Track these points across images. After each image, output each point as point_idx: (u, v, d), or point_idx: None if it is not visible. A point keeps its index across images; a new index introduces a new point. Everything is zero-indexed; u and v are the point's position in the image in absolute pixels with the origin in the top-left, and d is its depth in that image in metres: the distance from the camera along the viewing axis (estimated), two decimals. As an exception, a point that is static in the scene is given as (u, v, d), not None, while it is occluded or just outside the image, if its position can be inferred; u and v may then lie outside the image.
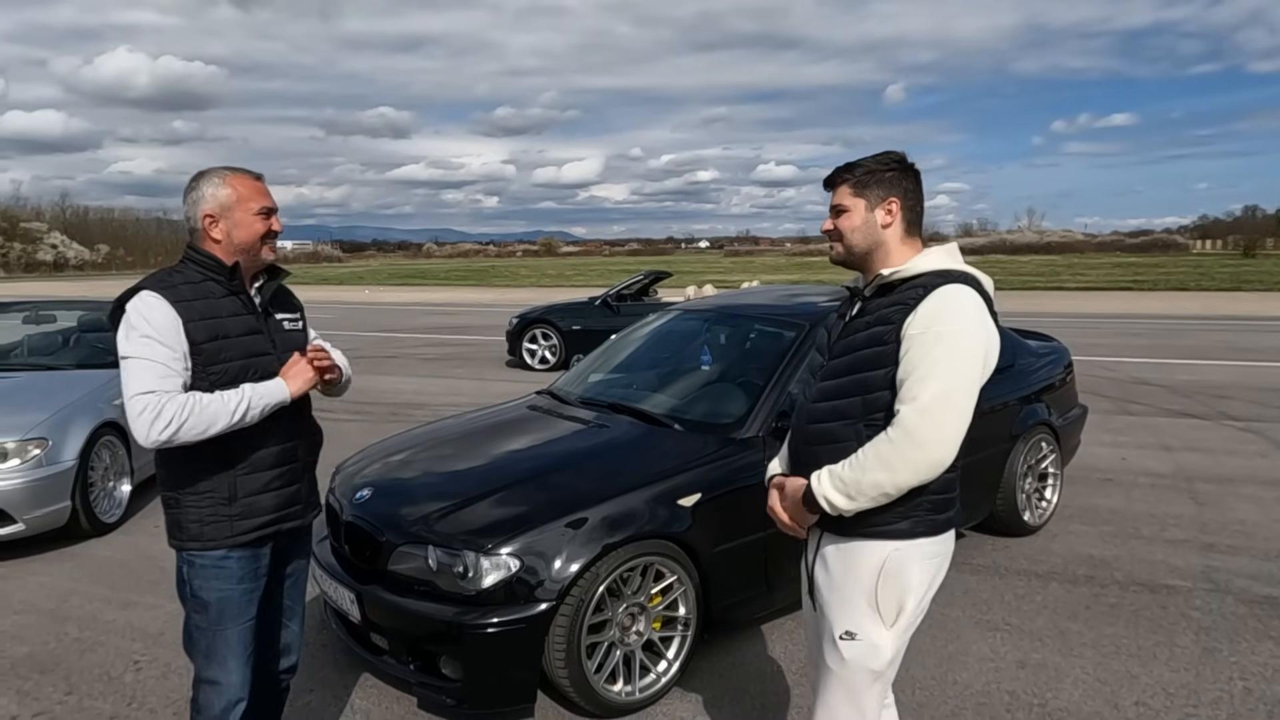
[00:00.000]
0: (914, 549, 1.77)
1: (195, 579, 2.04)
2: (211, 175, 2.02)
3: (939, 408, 1.63)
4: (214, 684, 2.06)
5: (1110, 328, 15.62)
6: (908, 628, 1.82)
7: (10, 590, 3.97)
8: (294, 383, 2.04)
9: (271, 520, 2.07)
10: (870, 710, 1.84)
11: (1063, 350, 5.15)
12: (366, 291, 33.69)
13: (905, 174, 1.83)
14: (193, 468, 1.98)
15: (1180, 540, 4.42)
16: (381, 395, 9.23)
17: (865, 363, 1.76)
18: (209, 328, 1.95)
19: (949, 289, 1.71)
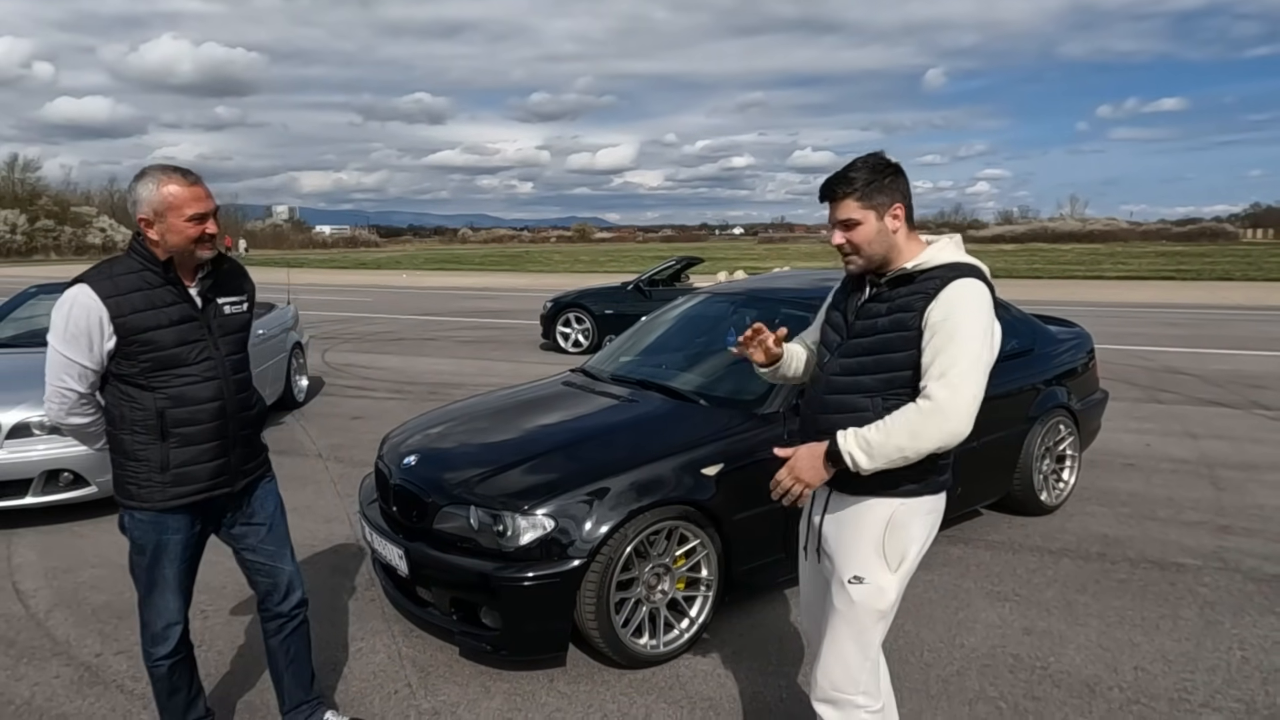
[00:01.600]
0: (918, 505, 2.02)
1: (135, 529, 2.30)
2: (148, 178, 2.17)
3: (964, 385, 1.84)
4: (154, 608, 2.35)
5: (1148, 317, 15.45)
6: (908, 573, 2.05)
7: (87, 547, 4.31)
8: None
9: (203, 488, 2.29)
10: (872, 647, 2.06)
11: (1085, 336, 5.25)
12: (404, 276, 34.24)
13: (899, 176, 1.99)
14: (131, 439, 2.23)
15: (1195, 522, 4.53)
16: (421, 375, 9.54)
17: (888, 344, 1.96)
18: (142, 318, 2.16)
19: (965, 282, 1.91)
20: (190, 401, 2.23)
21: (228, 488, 2.36)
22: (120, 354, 2.17)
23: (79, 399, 2.22)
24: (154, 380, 2.20)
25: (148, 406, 2.21)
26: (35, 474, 4.46)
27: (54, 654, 3.23)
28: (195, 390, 2.24)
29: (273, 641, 2.59)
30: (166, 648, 2.38)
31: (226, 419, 2.30)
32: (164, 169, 2.20)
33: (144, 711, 2.83)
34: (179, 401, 2.22)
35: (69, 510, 4.65)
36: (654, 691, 2.93)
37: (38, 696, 2.93)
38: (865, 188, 1.95)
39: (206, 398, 2.25)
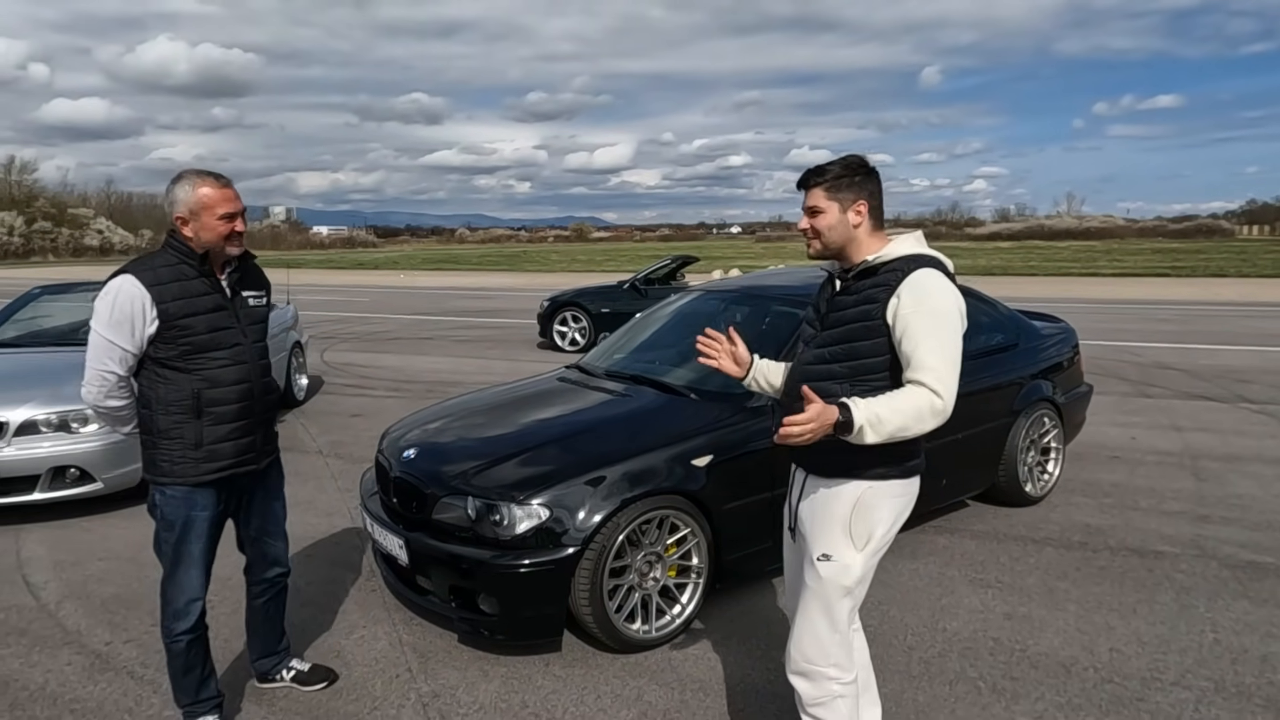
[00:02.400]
0: (884, 488, 2.13)
1: (165, 505, 2.51)
2: (184, 181, 2.41)
3: (948, 370, 1.97)
4: (177, 584, 2.55)
5: (1141, 313, 15.59)
6: (875, 553, 2.17)
7: (94, 541, 4.41)
8: None
9: (231, 464, 2.52)
10: (841, 622, 2.17)
11: (1070, 332, 5.37)
12: (401, 276, 34.32)
13: (869, 177, 2.13)
14: (166, 419, 2.44)
15: (1176, 512, 4.64)
16: (419, 374, 9.64)
17: (855, 334, 2.08)
18: (181, 306, 2.39)
19: (925, 272, 2.03)
20: (222, 383, 2.46)
21: (253, 465, 2.60)
22: (160, 338, 2.39)
23: (118, 382, 2.43)
24: (190, 363, 2.42)
25: (184, 388, 2.42)
26: (42, 470, 4.56)
27: (65, 643, 3.33)
28: (226, 373, 2.47)
29: (255, 603, 2.89)
30: (187, 623, 2.56)
31: (253, 400, 2.54)
32: (199, 173, 2.45)
33: (154, 696, 2.94)
34: (212, 383, 2.45)
35: (76, 506, 4.75)
36: (646, 674, 3.04)
37: (51, 682, 3.03)
38: (834, 181, 2.11)
39: (235, 380, 2.49)
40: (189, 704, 2.65)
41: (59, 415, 4.64)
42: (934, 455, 4.04)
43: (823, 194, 2.12)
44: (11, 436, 4.54)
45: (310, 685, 2.95)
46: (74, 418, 4.67)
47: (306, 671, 2.99)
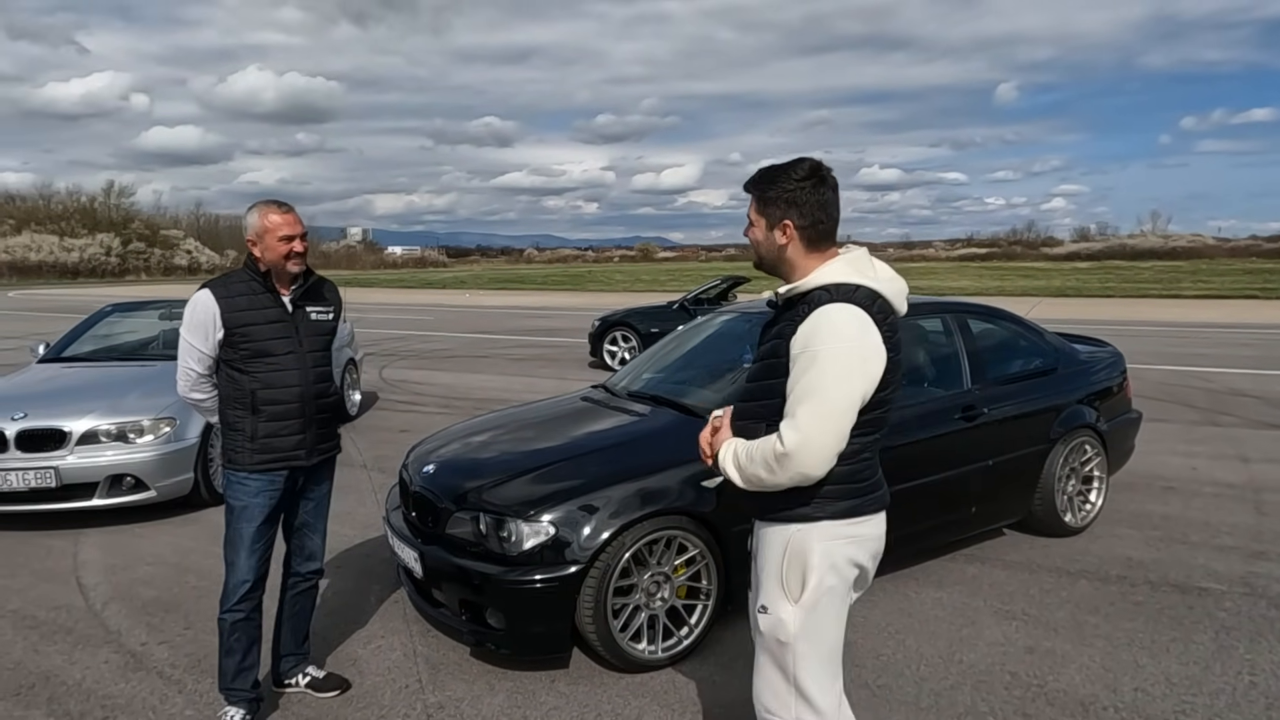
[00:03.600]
0: (814, 530, 1.92)
1: (228, 488, 2.82)
2: (255, 210, 2.77)
3: (810, 425, 1.77)
4: (230, 565, 2.80)
5: (1220, 337, 14.84)
6: (814, 605, 1.93)
7: (144, 546, 4.65)
8: None
9: (282, 457, 2.79)
10: (795, 674, 1.96)
11: (1117, 356, 5.18)
12: (467, 295, 35.10)
13: (809, 190, 1.90)
14: (231, 413, 2.79)
15: (1229, 547, 4.41)
16: (470, 391, 9.85)
17: (768, 371, 1.93)
18: (244, 316, 2.73)
19: (825, 310, 1.82)
20: (276, 385, 2.76)
21: (304, 460, 2.85)
22: (226, 343, 2.73)
23: (198, 378, 2.79)
24: (250, 366, 2.74)
25: (244, 387, 2.75)
26: (101, 478, 4.83)
27: (105, 642, 3.52)
28: (280, 376, 2.76)
29: (285, 596, 3.05)
30: (230, 602, 2.79)
31: (305, 402, 2.81)
32: (266, 202, 2.79)
33: (178, 695, 3.08)
34: (267, 384, 2.75)
35: (131, 512, 5.02)
36: (649, 695, 3.05)
37: (87, 679, 3.21)
38: (763, 194, 1.95)
39: (289, 383, 2.78)
40: (224, 688, 2.85)
41: (118, 426, 4.91)
42: (961, 483, 4.01)
43: (753, 206, 1.97)
44: (74, 445, 4.83)
45: (324, 692, 3.06)
46: (131, 429, 4.94)
47: (322, 679, 3.10)
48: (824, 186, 1.92)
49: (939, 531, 4.11)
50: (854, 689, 3.05)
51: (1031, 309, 21.06)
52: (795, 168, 1.93)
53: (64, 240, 60.36)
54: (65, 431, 4.84)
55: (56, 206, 66.53)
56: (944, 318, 4.43)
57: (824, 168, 1.94)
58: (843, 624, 2.01)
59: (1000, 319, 4.71)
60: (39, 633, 3.61)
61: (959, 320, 4.40)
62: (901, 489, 3.72)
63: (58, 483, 4.76)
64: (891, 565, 4.04)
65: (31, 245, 58.41)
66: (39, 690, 3.13)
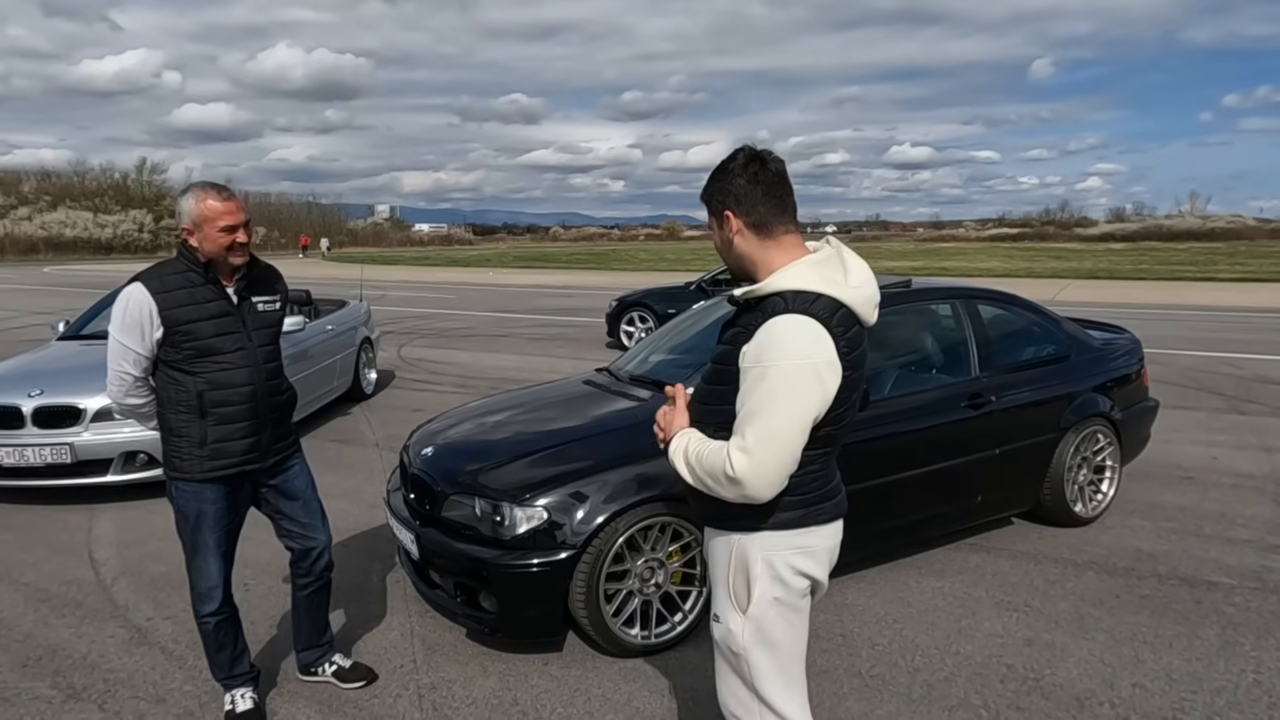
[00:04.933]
0: (757, 540, 1.84)
1: (178, 498, 2.65)
2: (190, 194, 2.52)
3: (759, 449, 1.67)
4: (197, 570, 2.69)
5: (1255, 322, 14.48)
6: (763, 616, 1.85)
7: (156, 522, 4.73)
8: None
9: (237, 462, 2.62)
10: (753, 680, 1.89)
11: (1134, 343, 5.06)
12: (490, 274, 35.18)
13: (740, 177, 1.80)
14: (175, 417, 2.58)
15: (1243, 540, 4.32)
16: (486, 371, 9.89)
17: (718, 377, 1.84)
18: (185, 312, 2.51)
19: (778, 321, 1.69)
20: (225, 385, 2.56)
21: (258, 463, 2.69)
22: (167, 342, 2.52)
23: (134, 382, 2.57)
24: (194, 366, 2.54)
25: (189, 389, 2.54)
26: (115, 454, 4.92)
27: (112, 616, 3.59)
28: (229, 375, 2.57)
29: (299, 596, 2.97)
30: (211, 606, 2.71)
31: (258, 402, 2.63)
32: (204, 186, 2.54)
33: (179, 671, 3.14)
34: (215, 385, 2.55)
35: (144, 488, 5.10)
36: (640, 679, 3.05)
37: (93, 653, 3.28)
38: (704, 194, 1.86)
39: (240, 383, 2.59)
40: (224, 678, 2.82)
41: (131, 404, 4.98)
42: (966, 471, 3.95)
43: (706, 211, 1.87)
44: (89, 422, 4.92)
45: (350, 682, 3.00)
46: (145, 406, 5.01)
47: (348, 669, 3.05)
48: (762, 170, 1.81)
49: (941, 521, 4.06)
50: (846, 678, 3.03)
51: (1060, 291, 20.70)
52: (730, 159, 1.84)
53: (98, 217, 61.34)
54: (80, 408, 4.92)
55: (91, 183, 67.59)
56: (953, 303, 4.35)
57: (761, 153, 1.82)
58: (800, 631, 1.92)
59: (1012, 305, 4.61)
60: (49, 606, 3.70)
61: (969, 306, 4.32)
62: (902, 478, 3.73)
63: (73, 458, 4.86)
64: (894, 554, 4.01)
65: (66, 221, 59.42)
66: (45, 663, 3.21)
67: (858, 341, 1.78)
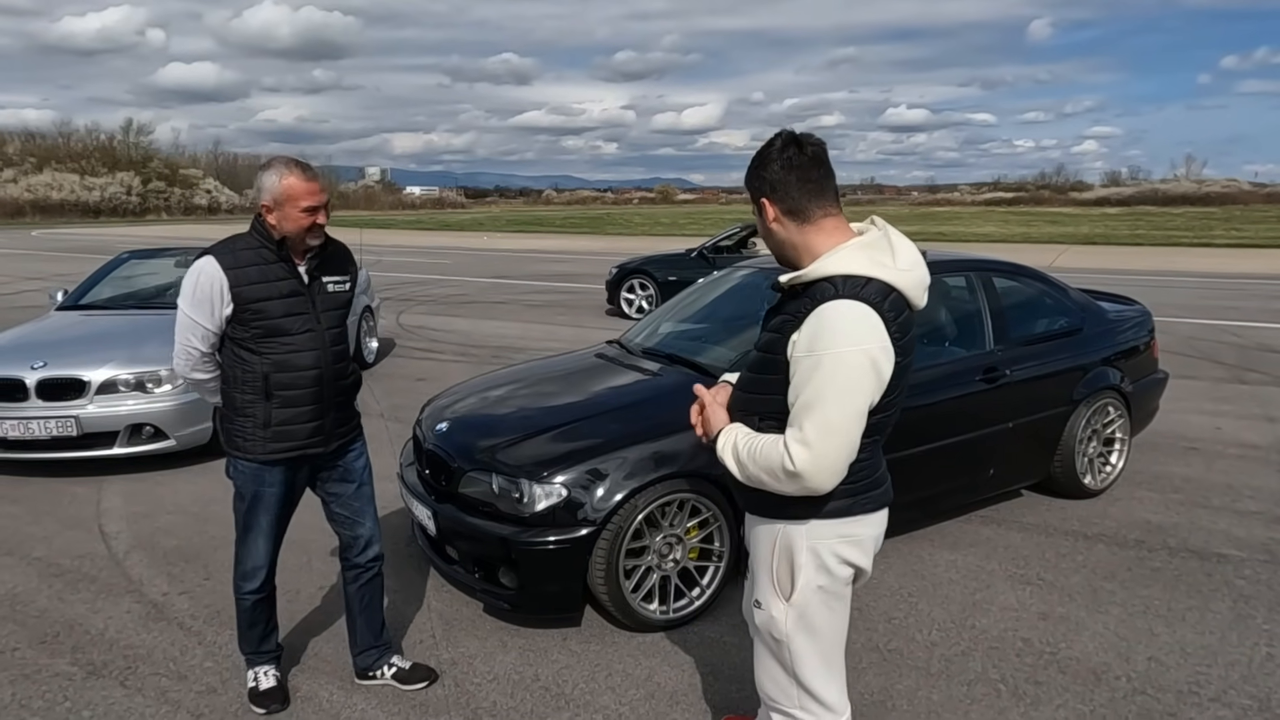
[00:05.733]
0: (803, 529, 1.84)
1: (237, 477, 2.61)
2: (272, 170, 2.44)
3: (819, 441, 1.64)
4: (246, 548, 2.66)
5: (1254, 289, 14.51)
6: (807, 604, 1.87)
7: (165, 494, 4.72)
8: None
9: (299, 446, 2.56)
10: (794, 665, 1.93)
11: (1145, 314, 5.05)
12: (484, 238, 34.93)
13: (775, 163, 1.76)
14: (240, 396, 2.53)
15: (1251, 512, 4.35)
16: (486, 339, 9.85)
17: (764, 366, 1.81)
18: (256, 290, 2.44)
19: (830, 308, 1.66)
20: (292, 368, 2.50)
21: (321, 447, 2.62)
22: (235, 320, 2.46)
23: (201, 357, 2.52)
24: (262, 346, 2.47)
25: (255, 369, 2.48)
26: (121, 427, 4.88)
27: (127, 591, 3.59)
28: (297, 358, 2.50)
29: (350, 589, 2.87)
30: (253, 585, 2.71)
31: (323, 385, 2.56)
32: (288, 163, 2.46)
33: (198, 647, 3.14)
34: (282, 367, 2.49)
35: (151, 461, 5.08)
36: (659, 655, 3.07)
37: (110, 628, 3.28)
38: (747, 183, 1.82)
39: (306, 365, 2.52)
40: (250, 653, 2.82)
41: (136, 376, 4.95)
42: (980, 445, 3.95)
43: (751, 196, 1.82)
44: (94, 395, 4.87)
45: (411, 684, 2.86)
46: (149, 378, 4.97)
47: (408, 670, 2.90)
48: (798, 155, 1.76)
49: (955, 494, 4.07)
50: (864, 652, 3.06)
51: (1058, 257, 20.67)
52: (769, 144, 1.80)
53: (84, 179, 60.46)
54: (85, 381, 4.87)
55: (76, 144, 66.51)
56: (968, 276, 4.31)
57: (800, 137, 1.78)
58: (841, 618, 1.94)
59: (1026, 277, 4.58)
60: (63, 581, 3.69)
61: (983, 279, 4.28)
62: (918, 451, 3.72)
63: (79, 431, 4.82)
64: (906, 527, 4.02)
65: (53, 184, 58.57)
66: (63, 639, 3.21)
67: (908, 326, 1.75)
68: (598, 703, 2.79)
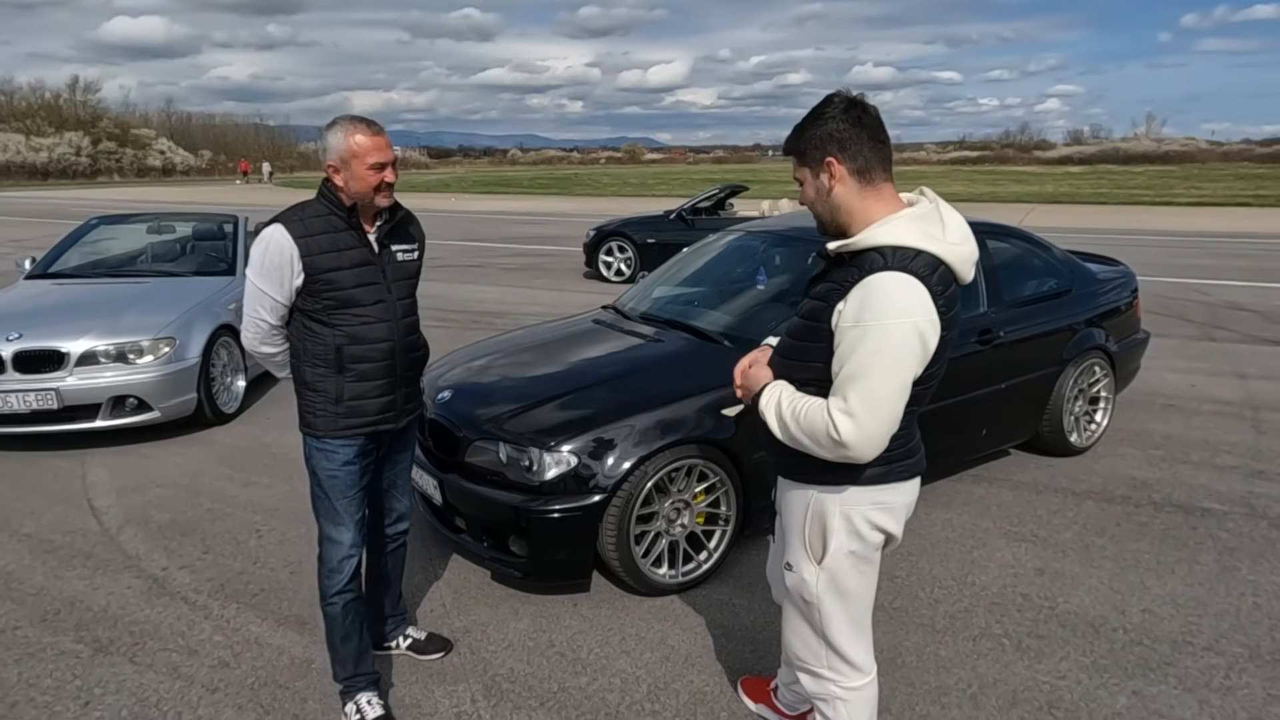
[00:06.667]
0: (835, 495, 1.87)
1: (311, 457, 2.48)
2: (337, 128, 2.33)
3: (863, 412, 1.65)
4: (331, 541, 2.50)
5: (1215, 248, 14.82)
6: (838, 568, 1.91)
7: (152, 468, 4.63)
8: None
9: (372, 421, 2.46)
10: (824, 627, 1.98)
11: (1128, 275, 5.14)
12: (452, 200, 34.35)
13: (842, 121, 1.73)
14: (311, 371, 2.42)
15: (1229, 467, 4.49)
16: (465, 304, 9.74)
17: (807, 333, 1.81)
18: (327, 259, 2.33)
19: (878, 279, 1.66)
20: (364, 340, 2.40)
21: (393, 423, 2.53)
22: (306, 291, 2.35)
23: (270, 329, 2.41)
24: (334, 318, 2.37)
25: (327, 342, 2.38)
26: (103, 399, 4.77)
27: (125, 567, 3.53)
28: (369, 330, 2.40)
29: (373, 557, 2.76)
30: (340, 581, 2.49)
31: (396, 358, 2.46)
32: (352, 119, 2.34)
33: (205, 621, 3.11)
34: (354, 339, 2.39)
35: (136, 433, 4.98)
36: (671, 618, 3.11)
37: (112, 605, 3.23)
38: (799, 144, 1.79)
39: (379, 337, 2.42)
40: (347, 678, 2.56)
41: (116, 346, 4.82)
42: (973, 406, 4.02)
43: (795, 162, 1.81)
44: (73, 367, 4.74)
45: (427, 655, 2.87)
46: (130, 349, 4.84)
47: (423, 640, 2.91)
48: (865, 115, 1.75)
49: (949, 455, 4.14)
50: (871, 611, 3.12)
51: (1025, 216, 20.89)
52: (828, 104, 1.77)
53: (30, 139, 58.20)
54: (63, 353, 4.73)
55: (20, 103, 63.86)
56: (962, 238, 4.33)
57: (859, 98, 1.77)
58: (871, 582, 1.98)
59: (1016, 238, 4.63)
60: (57, 557, 3.62)
61: (977, 240, 4.30)
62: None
63: (59, 404, 4.70)
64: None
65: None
66: (65, 616, 3.16)
67: (954, 300, 1.76)
68: (614, 666, 2.83)
